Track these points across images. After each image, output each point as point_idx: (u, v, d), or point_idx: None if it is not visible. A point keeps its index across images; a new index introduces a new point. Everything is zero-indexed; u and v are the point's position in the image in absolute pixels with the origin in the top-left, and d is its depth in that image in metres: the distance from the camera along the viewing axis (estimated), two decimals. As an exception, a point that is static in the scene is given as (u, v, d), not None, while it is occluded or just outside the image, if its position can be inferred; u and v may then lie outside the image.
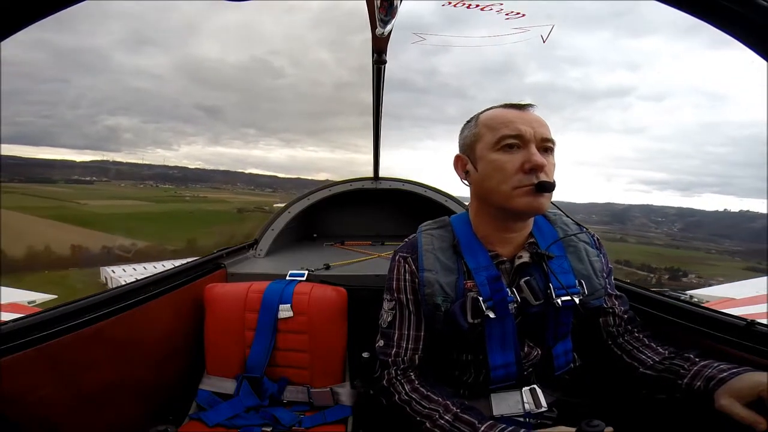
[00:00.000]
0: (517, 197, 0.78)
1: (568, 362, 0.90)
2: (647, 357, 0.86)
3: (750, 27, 0.45)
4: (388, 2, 0.83)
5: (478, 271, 0.85)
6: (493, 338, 0.83)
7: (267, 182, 76.85)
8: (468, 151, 0.88)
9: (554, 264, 0.86)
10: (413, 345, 0.88)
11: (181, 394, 1.25)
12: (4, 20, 0.41)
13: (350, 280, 1.48)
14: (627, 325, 0.94)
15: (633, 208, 59.10)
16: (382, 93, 1.54)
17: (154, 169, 76.74)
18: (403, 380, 0.85)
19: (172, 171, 70.31)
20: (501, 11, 0.94)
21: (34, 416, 0.84)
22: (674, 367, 0.79)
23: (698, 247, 47.15)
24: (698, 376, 0.74)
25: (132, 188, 64.28)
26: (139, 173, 68.84)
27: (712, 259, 42.94)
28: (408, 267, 0.90)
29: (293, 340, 1.27)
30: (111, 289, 1.10)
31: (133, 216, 48.45)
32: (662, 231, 50.27)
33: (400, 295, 0.90)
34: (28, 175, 59.74)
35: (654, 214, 56.81)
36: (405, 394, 0.83)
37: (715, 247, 45.72)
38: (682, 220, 54.70)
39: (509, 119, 0.81)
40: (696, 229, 52.10)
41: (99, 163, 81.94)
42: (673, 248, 46.93)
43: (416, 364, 0.88)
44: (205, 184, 70.10)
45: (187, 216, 50.56)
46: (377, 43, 1.17)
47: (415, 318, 0.88)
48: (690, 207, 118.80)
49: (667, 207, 72.91)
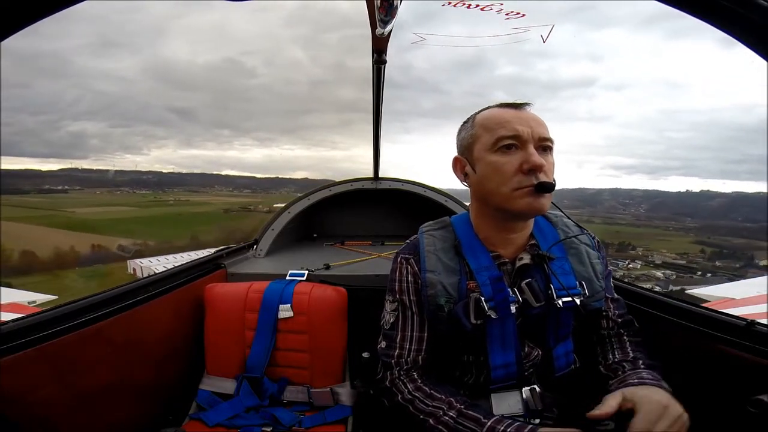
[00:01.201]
0: (518, 199, 0.78)
1: (568, 363, 0.90)
2: (612, 355, 0.89)
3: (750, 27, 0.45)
4: (388, 2, 0.83)
5: (479, 271, 0.84)
6: (493, 338, 0.83)
7: (245, 183, 76.75)
8: (466, 153, 0.87)
9: (555, 265, 0.86)
10: (416, 346, 0.88)
11: (181, 394, 1.25)
12: (4, 20, 0.41)
13: (350, 280, 1.48)
14: (620, 329, 0.94)
15: (603, 192, 62.23)
16: (383, 93, 1.54)
17: (127, 174, 76.55)
18: (406, 380, 0.86)
19: (146, 176, 70.24)
20: (501, 11, 0.94)
21: (34, 416, 0.84)
22: (617, 367, 0.84)
23: (658, 225, 49.31)
24: (623, 381, 0.78)
25: (109, 195, 64.48)
26: (111, 180, 68.64)
27: (667, 234, 45.29)
28: (410, 268, 0.90)
29: (293, 340, 1.27)
30: (111, 289, 1.10)
31: (125, 221, 49.17)
32: (629, 212, 52.73)
33: (403, 296, 0.90)
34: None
35: (622, 197, 59.58)
36: (408, 393, 0.83)
37: (674, 225, 48.15)
38: (648, 202, 57.07)
39: (506, 119, 0.81)
40: (661, 209, 54.80)
41: (67, 171, 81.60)
42: (635, 227, 48.92)
43: (419, 365, 0.88)
44: (182, 188, 70.04)
45: (176, 218, 51.41)
46: (377, 43, 1.17)
47: (418, 319, 0.88)
48: (656, 189, 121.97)
49: (634, 190, 76.24)
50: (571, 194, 59.86)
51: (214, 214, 53.65)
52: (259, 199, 59.89)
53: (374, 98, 1.60)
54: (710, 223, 46.78)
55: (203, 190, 71.78)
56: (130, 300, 1.09)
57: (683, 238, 42.99)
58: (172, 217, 52.82)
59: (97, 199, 62.33)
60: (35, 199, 58.22)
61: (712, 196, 56.48)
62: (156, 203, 61.71)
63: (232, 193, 70.33)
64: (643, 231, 47.13)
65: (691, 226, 46.73)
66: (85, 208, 54.25)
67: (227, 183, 76.70)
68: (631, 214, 52.30)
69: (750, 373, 0.81)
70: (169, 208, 59.53)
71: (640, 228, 48.07)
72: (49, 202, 58.24)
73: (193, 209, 59.51)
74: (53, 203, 57.67)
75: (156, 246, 22.40)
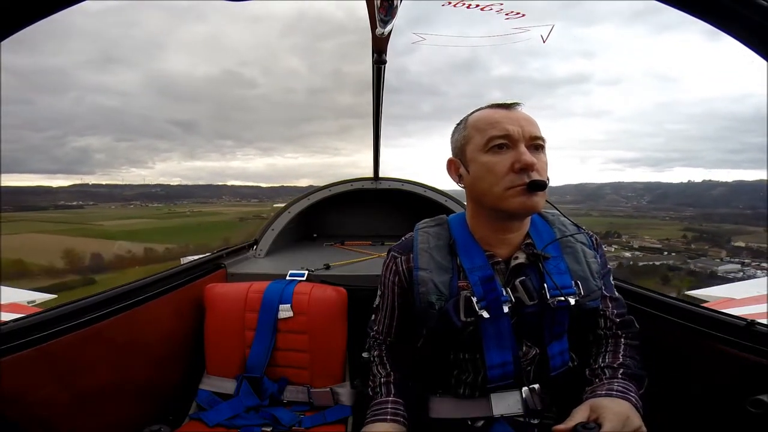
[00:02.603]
0: (510, 198, 0.78)
1: (564, 362, 0.90)
2: (601, 359, 0.88)
3: (750, 27, 0.45)
4: (388, 2, 0.83)
5: (472, 271, 0.85)
6: (488, 337, 0.83)
7: (252, 193, 77.67)
8: (459, 154, 0.88)
9: (550, 264, 0.86)
10: (386, 329, 1.00)
11: (181, 394, 1.25)
12: (4, 20, 0.41)
13: (350, 280, 1.48)
14: (617, 329, 0.92)
15: (604, 186, 62.73)
16: (383, 93, 1.54)
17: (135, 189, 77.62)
18: (375, 345, 1.02)
19: (155, 189, 70.92)
20: (501, 11, 0.94)
21: (34, 416, 0.84)
22: (597, 374, 0.85)
23: (655, 215, 49.79)
24: (592, 392, 0.79)
25: (123, 209, 65.62)
26: (120, 194, 69.43)
27: (660, 224, 45.96)
28: (395, 267, 0.94)
29: (293, 340, 1.27)
30: (111, 289, 1.10)
31: (153, 230, 50.89)
32: (630, 205, 53.72)
33: (385, 290, 0.97)
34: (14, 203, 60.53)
35: (624, 190, 59.73)
36: (376, 355, 1.00)
37: (672, 215, 49.20)
38: (650, 193, 57.87)
39: (496, 119, 0.81)
40: (662, 201, 55.41)
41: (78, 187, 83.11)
42: (631, 218, 49.56)
43: (389, 338, 1.01)
44: (191, 200, 70.84)
45: (198, 227, 53.34)
46: (377, 43, 1.17)
47: (390, 310, 0.98)
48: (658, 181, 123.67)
49: (636, 183, 77.69)
50: (574, 189, 60.61)
51: (231, 222, 55.32)
52: (268, 208, 60.63)
53: (374, 98, 1.60)
54: (708, 211, 47.63)
55: (211, 201, 72.79)
56: (130, 300, 1.09)
57: (674, 226, 43.68)
58: (194, 227, 54.68)
59: (116, 213, 63.63)
60: (57, 215, 59.55)
61: (713, 186, 57.36)
62: (173, 215, 63.16)
63: (240, 203, 71.22)
64: (639, 221, 47.98)
65: (687, 215, 47.60)
66: (111, 221, 56.06)
67: (234, 193, 77.38)
68: (632, 207, 53.07)
69: (750, 373, 0.81)
70: (187, 218, 61.01)
71: (637, 219, 48.71)
72: (72, 216, 59.70)
73: (210, 219, 61.05)
74: (79, 217, 59.19)
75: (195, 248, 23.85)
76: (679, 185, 68.13)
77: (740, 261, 27.54)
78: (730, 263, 27.33)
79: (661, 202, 55.09)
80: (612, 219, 48.14)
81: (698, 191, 59.17)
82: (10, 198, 69.24)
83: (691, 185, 63.93)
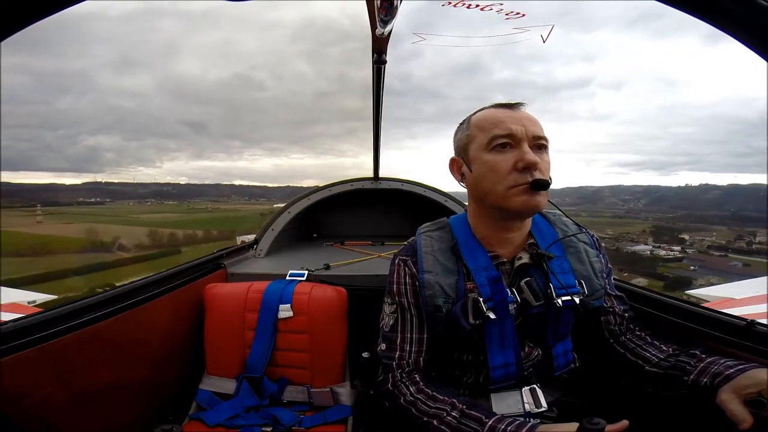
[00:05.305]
0: (513, 197, 0.78)
1: (568, 362, 0.91)
2: (652, 354, 0.86)
3: (750, 27, 0.45)
4: (388, 2, 0.83)
5: (477, 271, 0.85)
6: (492, 338, 0.83)
7: (259, 192, 78.57)
8: (462, 154, 0.88)
9: (554, 264, 0.86)
10: (416, 348, 0.87)
11: (181, 394, 1.25)
12: (4, 20, 0.41)
13: (350, 280, 1.47)
14: (629, 324, 0.94)
15: (603, 189, 64.62)
16: (383, 93, 1.54)
17: (148, 187, 78.78)
18: (408, 382, 0.85)
19: (166, 188, 72.13)
20: (501, 11, 0.94)
21: (34, 416, 0.84)
22: (680, 363, 0.80)
23: (637, 216, 52.46)
24: (705, 372, 0.74)
25: (140, 206, 66.88)
26: (135, 192, 70.70)
27: (634, 222, 49.22)
28: (408, 270, 0.90)
29: (293, 340, 1.27)
30: (111, 289, 1.10)
31: (188, 222, 53.33)
32: (626, 207, 55.41)
33: (402, 298, 0.89)
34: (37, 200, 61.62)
35: (623, 193, 61.84)
36: (410, 395, 0.82)
37: (656, 216, 51.04)
38: (647, 197, 59.69)
39: (500, 119, 0.81)
40: (658, 203, 57.09)
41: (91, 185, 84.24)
42: (617, 218, 52.31)
43: (421, 367, 0.87)
44: (203, 198, 71.82)
45: (225, 220, 55.98)
46: (377, 43, 1.17)
47: (418, 321, 0.88)
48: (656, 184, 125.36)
49: (635, 186, 79.75)
50: (574, 192, 62.07)
51: (254, 217, 58.07)
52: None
53: (374, 98, 1.60)
54: (692, 213, 49.55)
55: (223, 199, 74.03)
56: (131, 300, 1.09)
57: (646, 224, 46.76)
58: (222, 219, 57.11)
59: (141, 209, 65.21)
60: (86, 209, 61.01)
61: (707, 189, 58.86)
62: (194, 211, 64.80)
63: (249, 202, 72.28)
64: (622, 221, 49.77)
65: (670, 216, 49.71)
66: (143, 215, 58.15)
67: (242, 193, 78.32)
68: (626, 209, 54.70)
69: None
70: (210, 214, 62.75)
71: (622, 219, 51.12)
72: (101, 210, 61.43)
73: (233, 214, 63.08)
74: (111, 211, 60.90)
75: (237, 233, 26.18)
76: (676, 189, 69.85)
77: (655, 245, 36.65)
78: (643, 245, 36.62)
79: (656, 205, 56.61)
80: (594, 219, 50.74)
81: (693, 194, 60.72)
82: (29, 195, 70.04)
83: (688, 189, 65.39)
